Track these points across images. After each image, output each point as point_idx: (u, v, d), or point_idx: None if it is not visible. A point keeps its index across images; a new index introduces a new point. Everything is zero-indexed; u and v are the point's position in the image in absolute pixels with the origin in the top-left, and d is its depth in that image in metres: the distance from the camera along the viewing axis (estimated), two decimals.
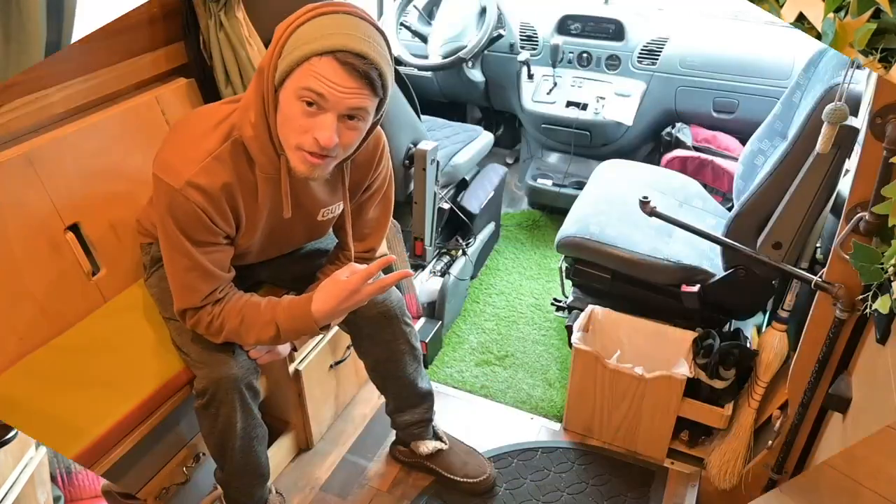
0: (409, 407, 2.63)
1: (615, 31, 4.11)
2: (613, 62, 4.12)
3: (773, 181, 2.34)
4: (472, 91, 4.40)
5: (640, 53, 4.04)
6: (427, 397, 2.64)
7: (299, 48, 1.67)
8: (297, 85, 1.69)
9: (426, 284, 3.42)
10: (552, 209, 4.41)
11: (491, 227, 3.97)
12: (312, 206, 2.09)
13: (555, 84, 4.15)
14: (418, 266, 3.46)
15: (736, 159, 3.42)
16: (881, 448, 1.53)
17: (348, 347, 2.83)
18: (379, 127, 2.11)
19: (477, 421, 3.02)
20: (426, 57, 4.12)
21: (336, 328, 2.46)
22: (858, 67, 2.08)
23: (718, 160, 3.56)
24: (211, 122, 1.88)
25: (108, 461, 1.96)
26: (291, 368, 2.59)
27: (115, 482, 2.15)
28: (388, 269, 2.39)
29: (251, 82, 1.82)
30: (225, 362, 2.04)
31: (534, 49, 4.26)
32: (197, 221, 1.85)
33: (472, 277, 3.85)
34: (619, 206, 2.98)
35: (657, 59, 4.00)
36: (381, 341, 2.40)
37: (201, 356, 2.06)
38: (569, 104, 4.06)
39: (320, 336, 2.66)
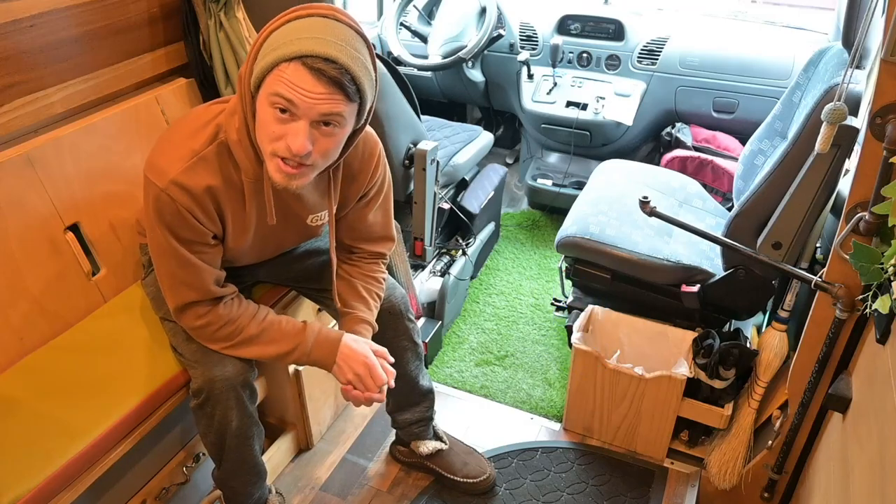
0: (409, 405, 2.63)
1: (615, 30, 4.11)
2: (613, 62, 4.11)
3: (773, 181, 2.34)
4: (471, 91, 4.40)
5: (640, 53, 4.04)
6: (428, 396, 2.64)
7: (270, 53, 1.66)
8: (269, 91, 1.67)
9: (426, 284, 3.42)
10: (552, 209, 4.41)
11: (491, 227, 3.97)
12: (301, 212, 2.09)
13: (555, 84, 4.15)
14: (418, 266, 3.46)
15: (736, 159, 3.43)
16: None
17: None
18: (374, 134, 2.12)
19: (477, 421, 3.02)
20: (426, 57, 4.12)
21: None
22: (858, 67, 2.08)
23: (718, 160, 3.55)
24: (199, 123, 1.88)
25: (107, 462, 1.96)
26: (291, 369, 2.59)
27: (114, 483, 2.16)
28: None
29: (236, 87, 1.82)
30: (219, 362, 2.03)
31: (534, 49, 4.25)
32: (182, 221, 1.85)
33: (472, 277, 3.85)
34: (619, 206, 2.98)
35: (657, 59, 3.99)
36: (384, 338, 2.38)
37: (196, 356, 2.06)
38: (569, 104, 4.06)
39: None
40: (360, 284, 2.26)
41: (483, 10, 4.04)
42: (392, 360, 2.17)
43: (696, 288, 2.68)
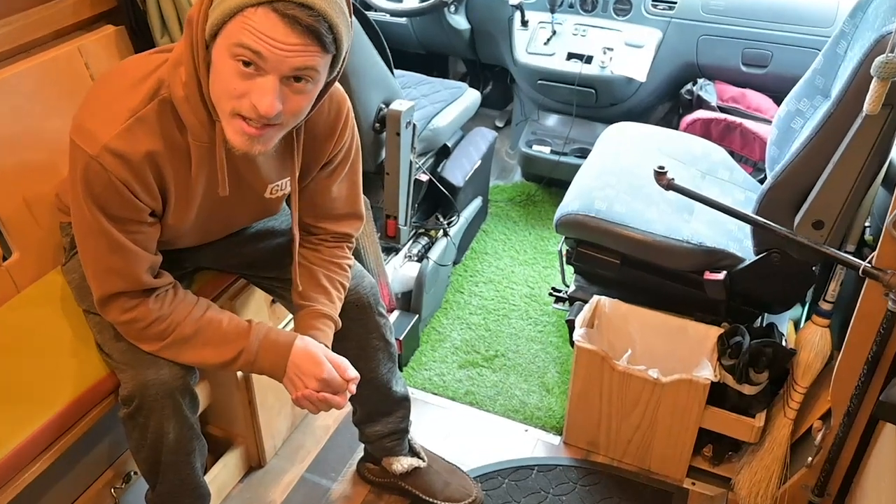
0: (381, 415, 2.63)
1: None
2: (623, 6, 4.11)
3: (814, 148, 2.33)
4: (454, 41, 4.39)
5: None
6: (402, 404, 2.64)
7: None
8: (231, 41, 1.64)
9: (400, 271, 3.43)
10: (550, 181, 4.42)
11: (477, 202, 3.97)
12: (257, 182, 2.07)
13: (553, 32, 4.14)
14: (391, 249, 3.45)
15: (769, 122, 3.43)
16: None
17: None
18: (341, 89, 2.10)
19: (461, 433, 3.03)
20: (401, 0, 4.10)
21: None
22: None
23: (748, 123, 3.56)
24: (136, 76, 1.84)
25: (19, 483, 1.95)
26: (240, 373, 2.59)
27: None
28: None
29: (183, 33, 1.79)
30: (153, 363, 2.01)
31: None
32: (116, 195, 1.82)
33: (456, 263, 3.85)
34: (630, 178, 2.98)
35: (675, 3, 4.00)
36: (351, 335, 2.38)
37: (125, 356, 2.04)
38: (570, 56, 4.06)
39: None
40: (321, 272, 2.25)
41: None
42: (353, 376, 2.13)
43: (721, 275, 2.68)
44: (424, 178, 3.50)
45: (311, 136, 2.07)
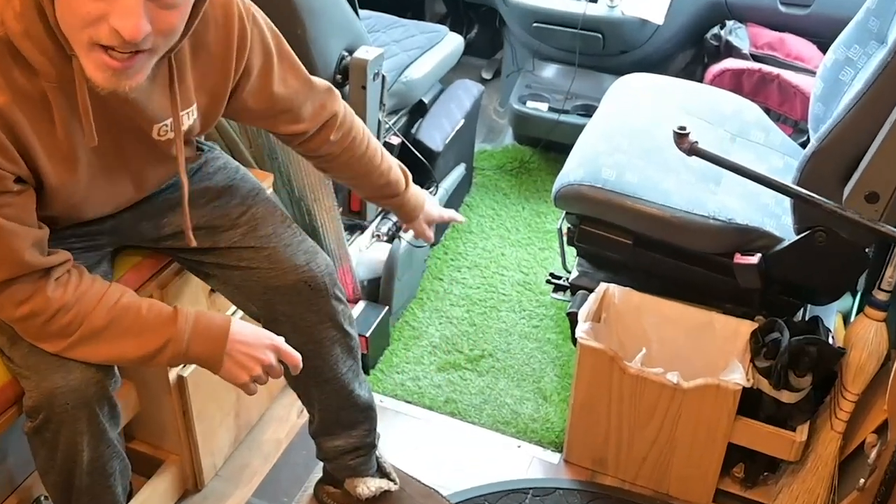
0: (342, 427, 2.61)
1: None
2: None
3: (867, 104, 2.33)
4: None
5: None
6: (368, 413, 2.63)
7: None
8: None
9: (367, 254, 3.42)
10: (548, 145, 4.41)
11: (460, 170, 3.97)
12: (142, 122, 2.03)
13: None
14: (356, 227, 3.45)
15: (813, 73, 3.41)
16: None
17: None
18: None
19: (440, 450, 3.03)
20: None
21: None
22: None
23: (787, 74, 3.56)
24: None
25: None
26: (172, 374, 2.57)
27: None
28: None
29: None
30: (62, 366, 1.98)
31: None
32: None
33: (434, 244, 3.82)
34: (645, 141, 2.97)
35: None
36: (303, 325, 2.37)
37: (29, 360, 2.00)
38: None
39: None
40: (352, 160, 2.46)
41: None
42: (298, 361, 2.16)
43: (755, 258, 2.68)
44: (396, 140, 3.49)
45: (204, 54, 2.05)
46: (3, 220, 1.83)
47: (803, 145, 2.93)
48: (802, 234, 2.58)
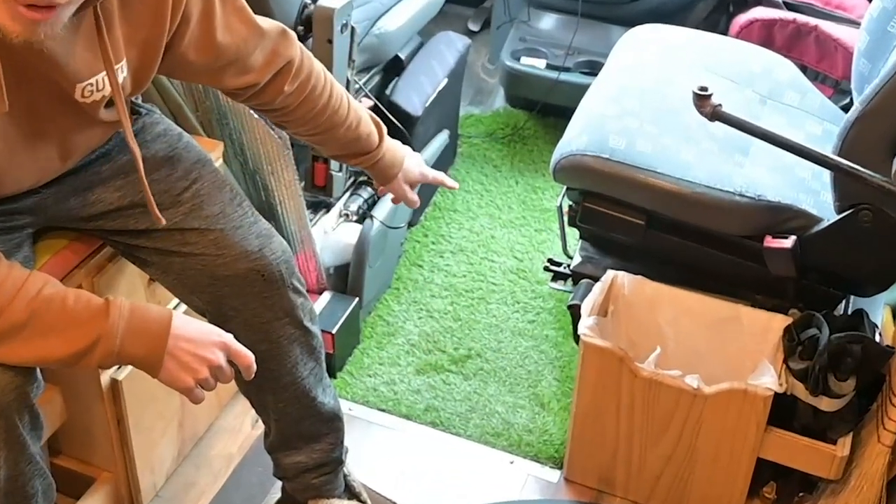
0: (303, 440, 2.61)
1: None
2: None
3: None
4: None
5: None
6: (333, 424, 2.64)
7: None
8: None
9: (333, 236, 3.42)
10: (546, 108, 4.43)
11: (443, 138, 3.97)
12: (61, 81, 2.02)
13: None
14: (320, 205, 3.46)
15: (857, 24, 3.43)
16: None
17: None
18: None
19: (419, 466, 3.04)
20: None
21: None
22: None
23: (826, 25, 3.57)
24: None
25: None
26: (104, 378, 2.57)
27: None
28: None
29: None
30: None
31: None
32: None
33: (412, 224, 3.86)
34: (660, 104, 2.99)
35: None
36: (256, 322, 2.38)
37: None
38: None
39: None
40: (319, 108, 2.45)
41: None
42: (251, 362, 2.14)
43: (789, 241, 2.69)
44: (368, 103, 3.47)
45: (137, 4, 2.05)
46: None
47: (845, 109, 2.94)
48: (844, 214, 2.59)
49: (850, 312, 2.70)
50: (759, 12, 3.69)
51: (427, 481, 2.97)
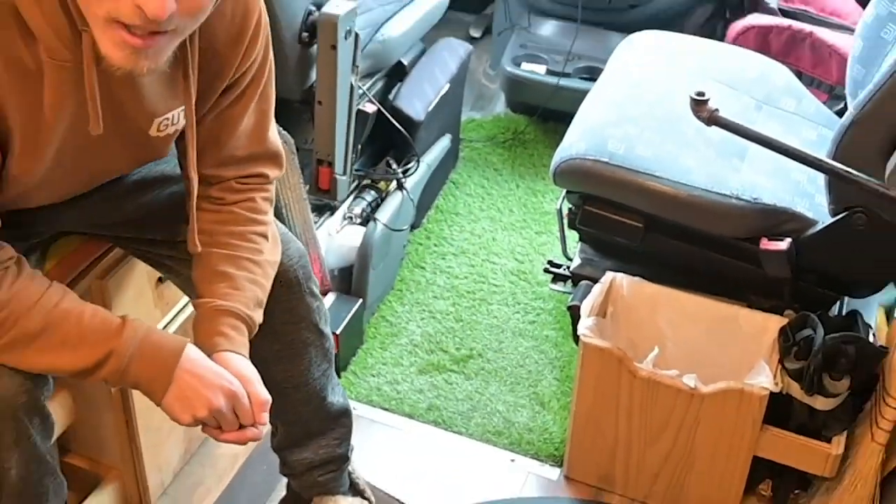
0: (311, 437, 2.61)
1: None
2: None
3: None
4: None
5: None
6: (340, 421, 2.63)
7: None
8: None
9: (337, 238, 3.42)
10: (546, 113, 4.43)
11: (445, 142, 3.98)
12: (140, 116, 2.04)
13: None
14: (325, 208, 3.46)
15: (851, 30, 3.43)
16: None
17: None
18: None
19: (422, 464, 3.04)
20: None
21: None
22: None
23: (821, 32, 3.57)
24: None
25: None
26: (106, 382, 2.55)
27: None
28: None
29: None
30: None
31: None
32: None
33: (415, 227, 3.86)
34: (658, 109, 2.99)
35: None
36: (273, 326, 2.34)
37: None
38: None
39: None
40: (220, 251, 2.21)
41: None
42: (265, 399, 2.11)
43: (784, 244, 2.69)
44: (371, 108, 3.49)
45: (209, 50, 2.04)
46: None
47: (840, 114, 2.95)
48: (839, 217, 2.59)
49: (844, 313, 2.71)
50: (755, 19, 3.69)
51: (429, 479, 2.97)
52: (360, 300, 3.38)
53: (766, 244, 2.71)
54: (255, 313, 2.17)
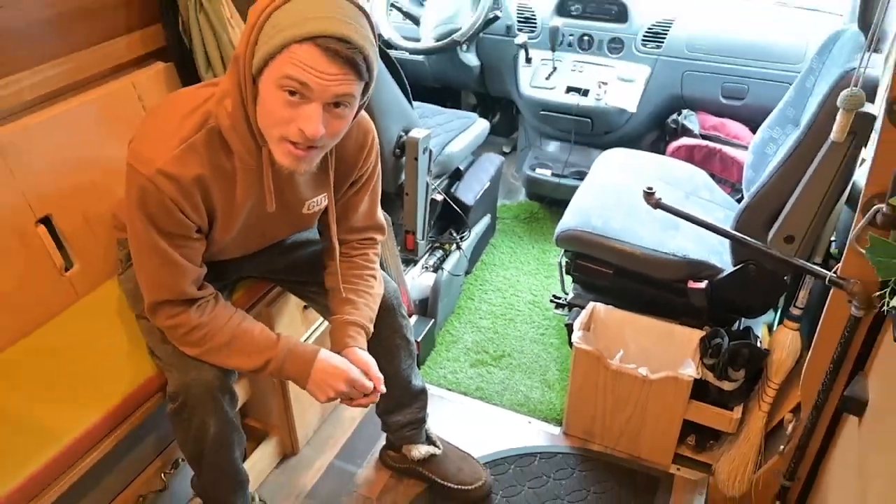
0: (401, 406, 2.62)
1: (618, 12, 4.08)
2: (616, 45, 4.10)
3: (785, 171, 2.33)
4: (466, 76, 4.39)
5: (645, 36, 4.02)
6: (420, 396, 2.64)
7: (277, 35, 1.65)
8: (278, 74, 1.66)
9: (418, 280, 3.42)
10: (551, 201, 4.40)
11: (486, 219, 3.96)
12: (296, 200, 2.08)
13: (554, 68, 4.13)
14: (409, 261, 3.45)
15: (746, 148, 3.41)
16: None
17: None
18: (367, 117, 2.11)
19: (471, 424, 3.02)
20: (418, 40, 4.10)
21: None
22: (876, 51, 2.07)
23: (727, 149, 3.53)
24: (186, 108, 1.85)
25: (80, 468, 1.96)
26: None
27: (89, 490, 2.15)
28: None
29: (228, 70, 1.80)
30: (197, 365, 2.02)
31: (532, 31, 4.23)
32: (167, 213, 1.83)
33: (467, 273, 3.84)
34: (623, 198, 2.97)
35: (662, 42, 3.98)
36: (376, 336, 2.36)
37: (172, 358, 2.04)
38: (569, 90, 4.04)
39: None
40: (349, 287, 2.25)
41: None
42: (378, 376, 2.16)
43: (703, 284, 2.68)
44: (439, 197, 3.49)
45: (342, 158, 2.08)
46: (181, 258, 1.91)
47: (739, 201, 2.93)
48: (738, 266, 2.59)
49: (741, 328, 2.67)
50: (685, 141, 3.64)
51: (476, 433, 2.95)
52: (433, 320, 3.38)
53: (692, 285, 2.69)
54: (369, 325, 2.23)
